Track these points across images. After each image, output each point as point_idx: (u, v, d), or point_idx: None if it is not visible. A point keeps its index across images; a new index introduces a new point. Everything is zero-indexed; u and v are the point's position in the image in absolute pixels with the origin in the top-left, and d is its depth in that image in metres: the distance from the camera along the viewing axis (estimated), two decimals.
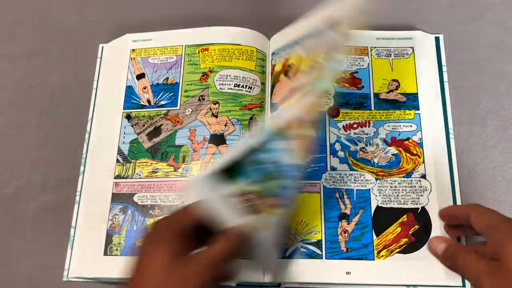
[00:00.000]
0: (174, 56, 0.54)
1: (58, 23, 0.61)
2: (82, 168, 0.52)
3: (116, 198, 0.49)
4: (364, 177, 0.48)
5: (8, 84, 0.58)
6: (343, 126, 0.50)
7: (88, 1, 0.62)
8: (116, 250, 0.47)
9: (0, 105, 0.57)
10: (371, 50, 0.54)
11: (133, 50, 0.55)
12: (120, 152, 0.51)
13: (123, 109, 0.53)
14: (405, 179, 0.48)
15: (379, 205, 0.47)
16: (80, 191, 0.51)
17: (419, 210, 0.47)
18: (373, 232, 0.46)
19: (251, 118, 0.50)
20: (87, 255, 0.48)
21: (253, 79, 0.52)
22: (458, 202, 0.47)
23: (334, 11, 0.40)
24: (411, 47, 0.53)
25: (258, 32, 0.54)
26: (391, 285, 0.45)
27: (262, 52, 0.54)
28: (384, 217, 0.47)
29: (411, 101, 0.51)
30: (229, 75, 0.52)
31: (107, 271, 0.46)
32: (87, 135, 0.53)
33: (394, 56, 0.53)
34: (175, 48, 0.55)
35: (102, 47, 0.57)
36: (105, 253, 0.47)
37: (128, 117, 0.52)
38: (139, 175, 0.49)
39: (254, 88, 0.52)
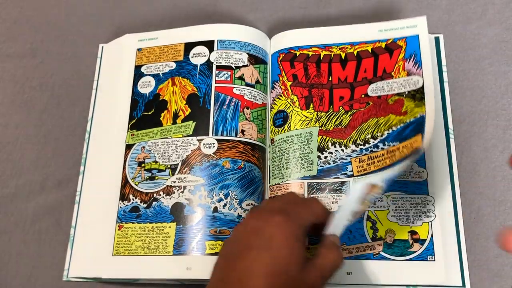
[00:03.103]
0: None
1: (58, 23, 0.61)
2: (82, 168, 0.52)
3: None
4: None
5: (8, 84, 0.58)
6: None
7: (88, 1, 0.62)
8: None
9: (0, 105, 0.57)
10: None
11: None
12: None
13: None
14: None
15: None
16: (80, 191, 0.51)
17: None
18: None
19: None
20: (89, 255, 0.48)
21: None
22: (458, 203, 0.47)
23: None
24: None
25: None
26: (391, 285, 0.45)
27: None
28: None
29: None
30: None
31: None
32: (87, 135, 0.53)
33: None
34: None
35: (102, 47, 0.57)
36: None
37: None
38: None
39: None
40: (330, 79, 0.51)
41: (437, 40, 0.54)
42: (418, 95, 0.47)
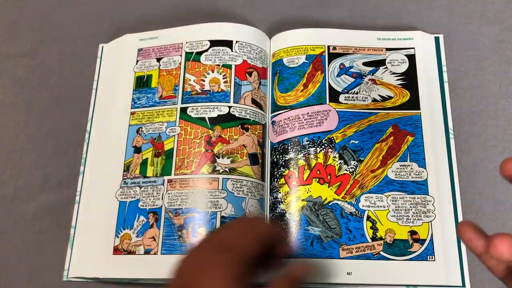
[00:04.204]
0: None
1: (58, 23, 0.61)
2: (82, 168, 0.52)
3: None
4: None
5: (8, 84, 0.58)
6: None
7: (88, 1, 0.62)
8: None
9: (0, 105, 0.57)
10: None
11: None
12: None
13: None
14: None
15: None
16: (80, 191, 0.51)
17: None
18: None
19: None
20: (89, 255, 0.48)
21: None
22: (458, 203, 0.47)
23: None
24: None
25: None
26: (391, 285, 0.45)
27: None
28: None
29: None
30: None
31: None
32: (87, 135, 0.53)
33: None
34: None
35: (102, 47, 0.57)
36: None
37: None
38: None
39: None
40: None
41: (437, 40, 0.54)
42: None
